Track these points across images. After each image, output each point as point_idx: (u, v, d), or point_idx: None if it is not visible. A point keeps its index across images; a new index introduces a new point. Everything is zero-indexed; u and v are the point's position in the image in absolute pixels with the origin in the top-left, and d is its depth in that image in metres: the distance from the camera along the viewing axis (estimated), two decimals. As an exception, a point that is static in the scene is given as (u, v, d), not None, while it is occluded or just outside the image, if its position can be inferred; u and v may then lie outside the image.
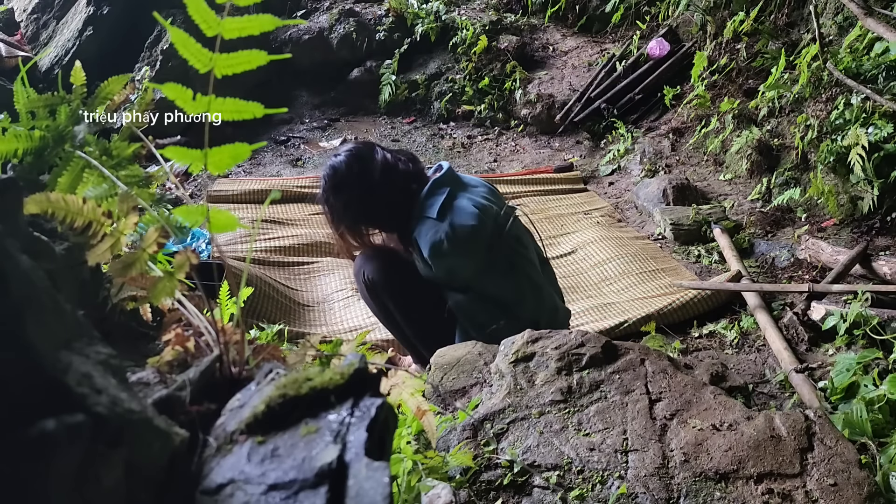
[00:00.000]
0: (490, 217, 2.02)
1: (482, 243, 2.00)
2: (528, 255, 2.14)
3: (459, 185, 2.07)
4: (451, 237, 1.95)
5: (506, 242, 2.07)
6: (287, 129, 5.35)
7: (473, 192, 2.07)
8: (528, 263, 2.13)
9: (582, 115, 5.04)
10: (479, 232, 1.98)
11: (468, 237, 1.97)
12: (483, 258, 2.02)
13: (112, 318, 1.03)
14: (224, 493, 0.59)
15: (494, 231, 2.03)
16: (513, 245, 2.09)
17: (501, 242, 2.05)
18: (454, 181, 2.07)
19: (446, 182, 2.04)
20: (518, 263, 2.10)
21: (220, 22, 0.82)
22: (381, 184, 2.00)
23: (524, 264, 2.11)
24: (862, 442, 1.76)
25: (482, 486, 1.24)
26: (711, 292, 2.86)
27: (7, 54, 5.17)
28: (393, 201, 2.02)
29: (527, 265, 2.12)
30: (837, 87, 3.46)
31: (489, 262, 2.04)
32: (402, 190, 2.02)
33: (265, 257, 3.31)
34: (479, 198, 2.05)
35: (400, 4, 5.75)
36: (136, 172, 1.16)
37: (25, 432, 0.46)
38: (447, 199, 1.99)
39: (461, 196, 2.02)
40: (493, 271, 2.05)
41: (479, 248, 2.00)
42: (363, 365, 0.68)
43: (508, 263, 2.08)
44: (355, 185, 2.01)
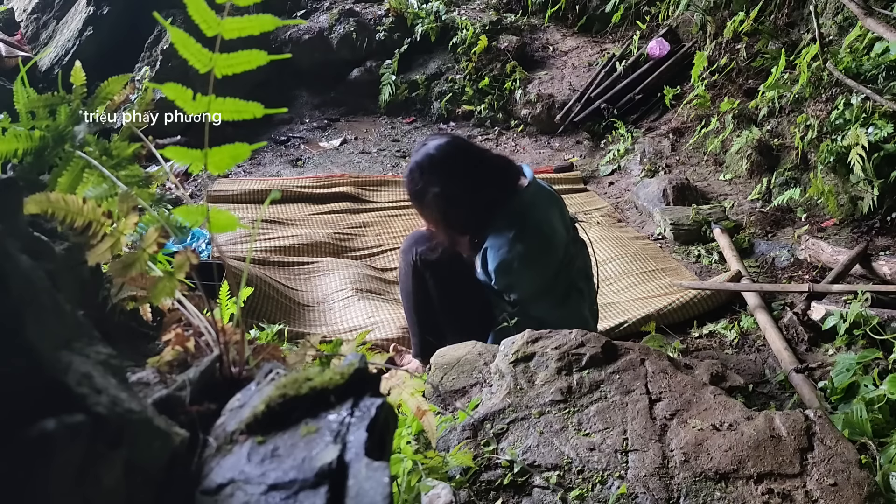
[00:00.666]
0: (562, 246, 2.03)
1: (549, 272, 2.02)
2: (583, 286, 2.16)
3: (542, 201, 2.04)
4: (522, 259, 1.94)
5: (569, 273, 2.09)
6: (287, 129, 5.35)
7: (551, 210, 2.05)
8: (580, 296, 2.15)
9: (582, 115, 5.04)
10: (549, 261, 2.00)
11: (538, 264, 1.99)
12: (544, 285, 2.04)
13: (112, 318, 1.03)
14: (224, 493, 0.59)
15: (563, 261, 2.05)
16: (574, 276, 2.12)
17: (565, 273, 2.07)
18: (538, 195, 2.03)
19: (531, 197, 2.01)
20: (572, 296, 2.11)
21: (220, 22, 0.82)
22: (476, 174, 1.94)
23: (577, 298, 2.13)
24: (862, 442, 1.76)
25: (482, 486, 1.24)
26: (711, 292, 2.86)
27: (7, 54, 5.17)
28: (478, 203, 1.96)
29: (579, 298, 2.14)
30: (837, 87, 3.46)
31: (548, 290, 2.05)
32: (496, 187, 1.98)
33: (265, 257, 3.31)
34: (555, 220, 2.04)
35: (400, 4, 5.75)
36: (136, 172, 1.16)
37: (25, 432, 0.46)
38: (529, 219, 1.97)
39: (540, 218, 2.00)
40: (548, 298, 2.06)
41: (544, 275, 2.02)
42: (363, 365, 0.68)
43: (564, 294, 2.09)
44: (452, 171, 1.94)
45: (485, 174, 1.97)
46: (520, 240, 1.94)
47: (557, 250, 2.02)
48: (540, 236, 1.98)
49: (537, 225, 1.99)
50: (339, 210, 3.96)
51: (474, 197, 1.96)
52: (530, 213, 1.98)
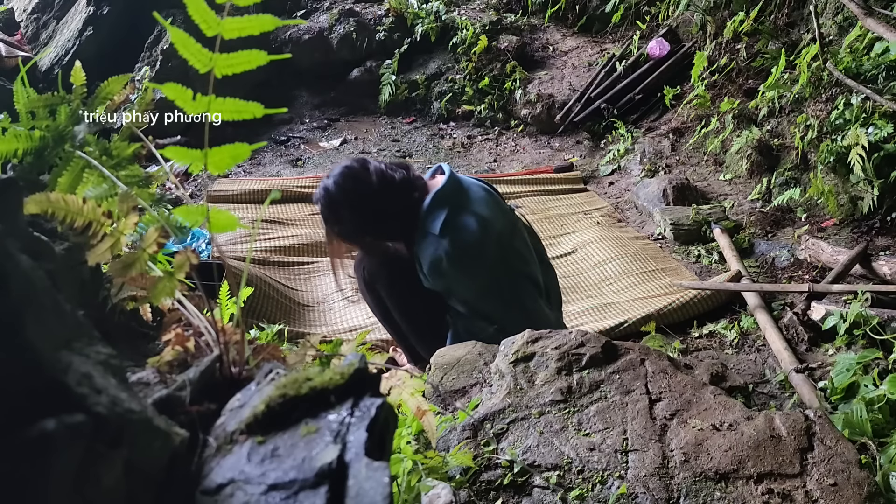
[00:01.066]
0: (493, 236, 1.98)
1: (483, 264, 1.97)
2: (528, 273, 2.10)
3: (462, 196, 2.00)
4: (451, 256, 1.91)
5: (507, 264, 2.03)
6: (287, 129, 5.35)
7: (477, 203, 2.01)
8: (525, 286, 2.08)
9: (582, 115, 5.04)
10: (480, 253, 1.95)
11: (469, 257, 1.93)
12: (483, 280, 1.99)
13: (112, 318, 1.03)
14: (224, 493, 0.59)
15: (497, 252, 1.99)
16: (514, 266, 2.06)
17: (503, 265, 2.01)
18: (457, 192, 2.00)
19: (448, 194, 1.97)
20: (524, 291, 2.06)
21: (220, 22, 0.82)
22: (377, 198, 1.93)
23: (531, 292, 2.08)
24: (862, 442, 1.76)
25: (482, 486, 1.24)
26: (711, 292, 2.86)
27: (7, 54, 5.17)
28: (393, 213, 1.96)
29: (524, 291, 2.07)
30: (837, 87, 3.46)
31: (488, 284, 2.00)
32: (401, 201, 1.96)
33: (265, 257, 3.31)
34: (483, 211, 2.00)
35: (400, 4, 5.75)
36: (136, 172, 1.16)
37: (25, 432, 0.46)
38: (449, 213, 1.94)
39: (464, 211, 1.96)
40: (491, 294, 2.01)
41: (479, 268, 1.97)
42: (363, 365, 0.68)
43: (513, 290, 2.04)
44: (351, 202, 1.94)
45: (386, 183, 1.93)
46: (444, 234, 1.91)
47: (485, 242, 1.95)
48: (464, 230, 1.93)
49: (459, 219, 1.95)
50: (339, 210, 3.95)
51: (383, 216, 1.95)
52: (450, 210, 1.94)
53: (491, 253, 1.97)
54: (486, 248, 1.95)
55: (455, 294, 2.04)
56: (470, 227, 1.94)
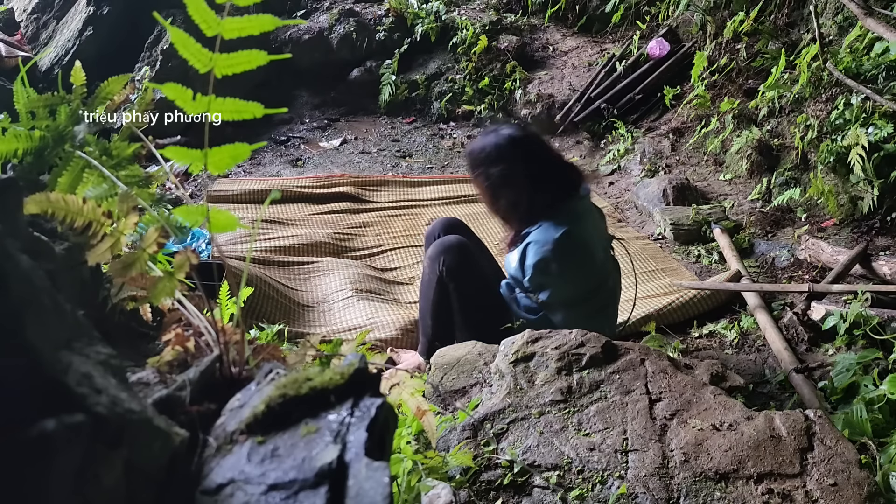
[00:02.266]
0: (600, 262, 2.07)
1: (583, 284, 2.04)
2: (611, 308, 2.21)
3: (592, 214, 2.09)
4: (562, 262, 1.94)
5: (603, 292, 2.12)
6: (287, 129, 5.35)
7: (598, 225, 2.11)
8: (605, 317, 2.18)
9: (582, 115, 5.04)
10: (586, 273, 2.03)
11: (575, 272, 2.00)
12: (576, 295, 2.05)
13: (112, 318, 1.03)
14: (224, 493, 0.59)
15: (599, 277, 2.08)
16: (606, 296, 2.15)
17: (599, 290, 2.10)
18: (590, 208, 2.09)
19: (585, 207, 2.05)
20: (598, 316, 2.13)
21: (220, 22, 0.82)
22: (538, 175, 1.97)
23: (602, 319, 2.16)
24: (862, 442, 1.76)
25: (482, 486, 1.24)
26: (711, 292, 2.86)
27: (7, 54, 5.16)
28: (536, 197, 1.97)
29: (603, 320, 2.17)
30: (837, 87, 3.46)
31: (578, 302, 2.06)
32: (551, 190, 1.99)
33: (265, 257, 3.31)
34: (599, 235, 2.09)
35: (400, 4, 5.75)
36: (136, 172, 1.16)
37: (25, 432, 0.46)
38: (580, 225, 1.98)
39: (589, 228, 2.04)
40: (576, 311, 2.07)
41: (578, 285, 2.04)
42: (363, 365, 0.68)
43: (595, 311, 2.12)
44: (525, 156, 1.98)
45: (551, 171, 2.00)
46: (565, 243, 1.93)
47: (595, 265, 2.05)
48: (583, 246, 2.00)
49: (584, 234, 2.01)
50: (339, 210, 3.96)
51: (535, 189, 1.98)
52: (581, 222, 2.00)
53: (593, 276, 2.07)
54: (590, 271, 2.04)
55: (542, 293, 2.06)
56: (588, 245, 2.02)
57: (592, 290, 2.08)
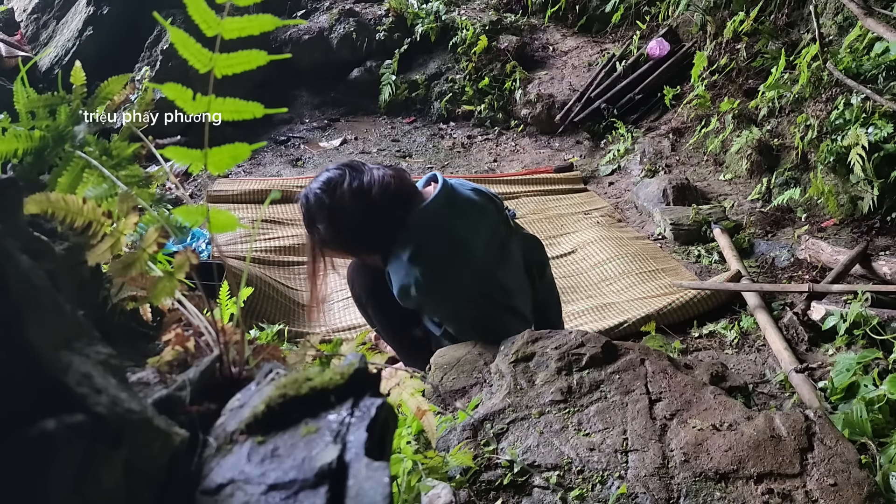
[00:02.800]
0: (470, 265, 1.85)
1: (455, 295, 1.87)
2: (511, 305, 1.97)
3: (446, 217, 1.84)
4: (419, 283, 1.78)
5: (487, 297, 1.92)
6: (287, 129, 5.35)
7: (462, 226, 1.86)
8: (505, 319, 1.96)
9: (582, 115, 5.04)
10: (455, 278, 1.84)
11: (437, 289, 1.83)
12: (452, 310, 1.90)
13: (112, 318, 1.03)
14: (224, 493, 0.59)
15: (471, 283, 1.87)
16: (495, 298, 1.94)
17: (479, 297, 1.90)
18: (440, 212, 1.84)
19: (434, 212, 1.84)
20: (491, 320, 1.92)
21: (220, 22, 0.82)
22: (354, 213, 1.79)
23: (498, 323, 1.93)
24: (862, 442, 1.76)
25: (482, 486, 1.24)
26: (711, 292, 2.86)
27: (7, 54, 5.16)
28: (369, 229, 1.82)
29: (502, 323, 1.93)
30: (837, 87, 3.46)
31: (459, 314, 1.91)
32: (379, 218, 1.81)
33: (265, 257, 3.31)
34: (467, 235, 1.86)
35: (400, 4, 5.75)
36: (136, 172, 1.16)
37: (25, 432, 0.46)
38: (424, 239, 1.81)
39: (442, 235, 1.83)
40: (463, 322, 1.92)
41: (448, 300, 1.88)
42: (363, 365, 0.68)
43: (484, 317, 1.91)
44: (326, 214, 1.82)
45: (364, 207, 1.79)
46: (415, 262, 1.78)
47: (461, 272, 1.84)
48: (437, 257, 1.80)
49: (436, 243, 1.81)
50: (339, 210, 3.95)
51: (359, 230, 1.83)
52: (429, 231, 1.81)
53: (466, 284, 1.86)
54: (459, 276, 1.84)
55: (427, 315, 2.00)
56: (441, 254, 1.81)
57: (471, 290, 1.88)
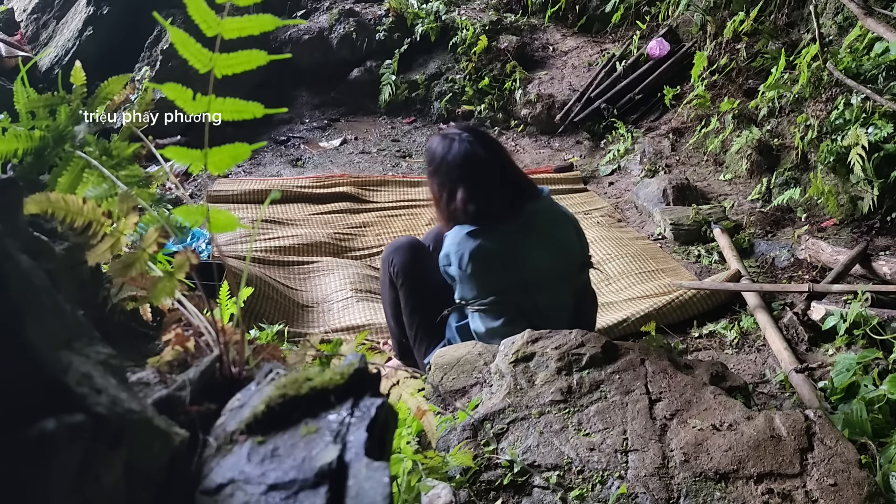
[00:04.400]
0: (519, 270, 1.96)
1: (481, 289, 1.97)
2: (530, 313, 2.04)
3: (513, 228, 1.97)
4: (459, 262, 1.93)
5: (522, 300, 2.00)
6: (287, 129, 5.35)
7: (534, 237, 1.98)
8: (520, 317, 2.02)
9: (582, 115, 5.04)
10: (481, 282, 1.95)
11: (467, 278, 1.95)
12: (483, 294, 1.99)
13: (112, 318, 1.03)
14: (224, 493, 0.59)
15: (516, 286, 1.97)
16: (529, 305, 2.02)
17: (518, 297, 1.99)
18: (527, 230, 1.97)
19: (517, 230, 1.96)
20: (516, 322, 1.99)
21: (220, 22, 0.82)
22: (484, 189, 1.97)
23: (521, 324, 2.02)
24: (862, 442, 1.76)
25: (482, 486, 1.24)
26: (711, 292, 2.86)
27: (7, 54, 5.16)
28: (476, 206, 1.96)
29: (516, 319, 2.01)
30: (837, 87, 3.45)
31: (488, 302, 1.99)
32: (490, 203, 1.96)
33: (265, 257, 3.31)
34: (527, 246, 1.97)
35: (400, 4, 5.75)
36: (136, 172, 1.16)
37: (25, 432, 0.46)
38: (488, 228, 1.94)
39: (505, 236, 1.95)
40: (491, 314, 2.00)
41: (482, 287, 1.97)
42: (363, 365, 0.68)
43: (510, 318, 2.00)
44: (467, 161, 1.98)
45: (490, 185, 1.97)
46: (474, 238, 1.92)
47: (507, 270, 1.95)
48: (484, 260, 1.93)
49: (490, 242, 1.94)
50: (339, 210, 3.96)
51: (471, 196, 1.96)
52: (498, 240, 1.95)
53: (505, 282, 1.96)
54: (497, 276, 1.95)
55: (458, 293, 2.06)
56: (490, 258, 1.93)
57: (504, 292, 1.98)
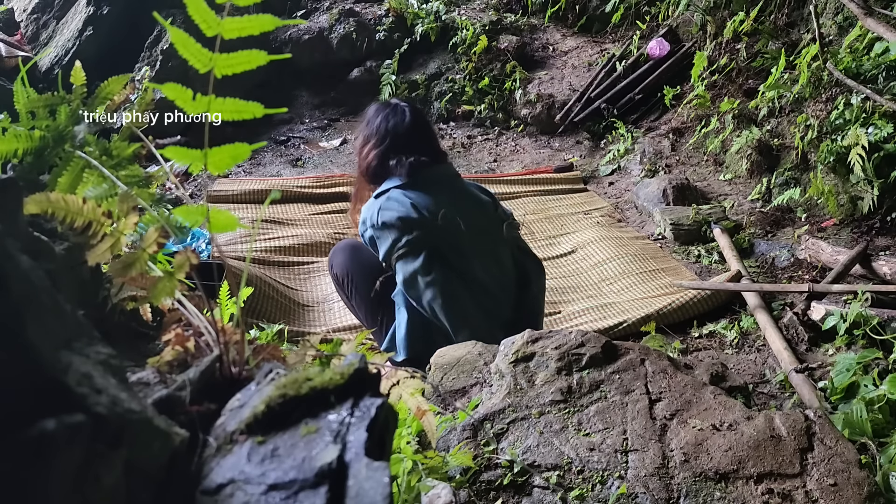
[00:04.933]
0: (427, 224, 2.06)
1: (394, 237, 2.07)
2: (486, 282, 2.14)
3: (424, 185, 2.11)
4: (373, 221, 2.07)
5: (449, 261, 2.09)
6: (287, 129, 5.35)
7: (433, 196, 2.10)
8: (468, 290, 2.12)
9: (582, 115, 5.04)
10: (395, 232, 2.05)
11: (380, 230, 2.07)
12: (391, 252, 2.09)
13: (112, 318, 1.03)
14: (224, 493, 0.59)
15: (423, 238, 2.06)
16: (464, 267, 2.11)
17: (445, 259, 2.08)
18: (425, 179, 2.11)
19: (414, 176, 2.10)
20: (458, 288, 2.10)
21: (220, 22, 0.82)
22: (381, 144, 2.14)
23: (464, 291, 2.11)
24: (862, 442, 1.76)
25: (482, 486, 1.24)
26: (711, 292, 2.86)
27: (7, 54, 5.16)
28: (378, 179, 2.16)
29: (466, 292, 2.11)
30: (837, 87, 3.46)
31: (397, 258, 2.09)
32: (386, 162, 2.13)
33: (265, 257, 3.31)
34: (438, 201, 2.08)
35: (400, 4, 5.75)
36: (136, 172, 1.16)
37: (25, 432, 0.46)
38: (393, 188, 2.09)
39: (411, 193, 2.08)
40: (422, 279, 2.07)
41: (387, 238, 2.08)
42: (363, 365, 0.68)
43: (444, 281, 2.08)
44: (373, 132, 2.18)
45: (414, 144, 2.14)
46: (379, 198, 2.09)
47: (405, 227, 2.05)
48: (392, 206, 2.06)
49: (399, 197, 2.07)
50: (339, 210, 3.96)
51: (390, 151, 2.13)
52: (401, 186, 2.09)
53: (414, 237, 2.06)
54: (408, 229, 2.05)
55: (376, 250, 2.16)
56: (397, 208, 2.05)
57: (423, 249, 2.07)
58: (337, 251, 2.37)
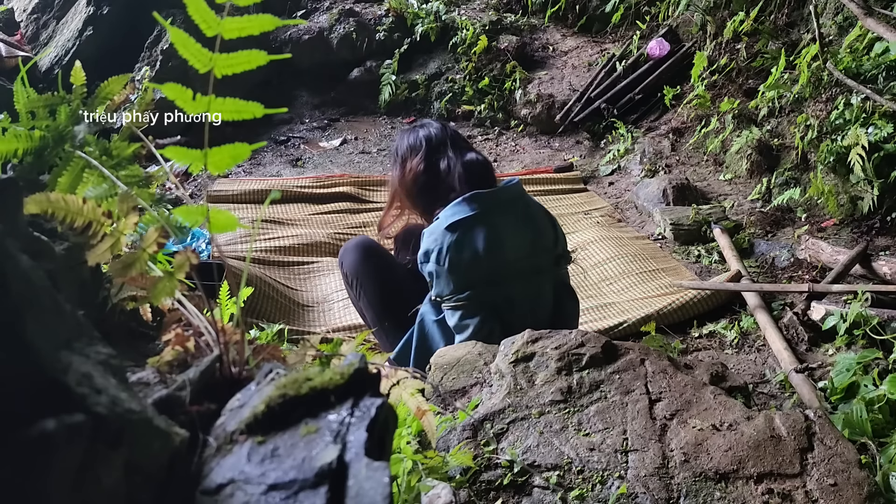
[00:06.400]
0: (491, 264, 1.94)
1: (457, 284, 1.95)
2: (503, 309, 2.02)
3: (490, 213, 1.95)
4: (438, 256, 1.93)
5: (492, 291, 1.98)
6: (287, 129, 5.35)
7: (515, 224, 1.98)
8: (493, 319, 2.01)
9: (582, 115, 5.04)
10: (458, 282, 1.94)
11: (444, 272, 1.94)
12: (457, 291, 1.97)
13: (112, 318, 1.03)
14: (224, 493, 0.59)
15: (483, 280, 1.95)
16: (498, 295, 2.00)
17: (487, 289, 1.97)
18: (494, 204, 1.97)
19: (479, 202, 1.95)
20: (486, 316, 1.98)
21: (220, 22, 0.82)
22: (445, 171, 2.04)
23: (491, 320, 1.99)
24: (862, 442, 1.76)
25: (482, 486, 1.24)
26: (711, 292, 2.86)
27: (7, 54, 5.16)
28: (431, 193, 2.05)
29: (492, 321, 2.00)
30: (837, 87, 3.46)
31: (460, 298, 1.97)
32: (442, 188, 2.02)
33: (265, 257, 3.31)
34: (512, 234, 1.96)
35: (400, 4, 5.75)
36: (136, 172, 1.16)
37: (25, 432, 0.46)
38: (465, 220, 1.93)
39: (481, 228, 1.93)
40: (459, 308, 1.98)
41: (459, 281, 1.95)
42: (363, 365, 0.68)
43: (476, 309, 1.98)
44: (422, 151, 2.07)
45: (459, 169, 2.03)
46: (452, 231, 1.92)
47: (483, 262, 1.93)
48: (459, 246, 1.92)
49: (470, 232, 1.93)
50: (339, 210, 3.96)
51: (438, 184, 2.03)
52: (471, 216, 1.94)
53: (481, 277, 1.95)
54: (478, 268, 1.94)
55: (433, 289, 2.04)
56: (471, 249, 1.92)
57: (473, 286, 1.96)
58: (349, 249, 2.27)
